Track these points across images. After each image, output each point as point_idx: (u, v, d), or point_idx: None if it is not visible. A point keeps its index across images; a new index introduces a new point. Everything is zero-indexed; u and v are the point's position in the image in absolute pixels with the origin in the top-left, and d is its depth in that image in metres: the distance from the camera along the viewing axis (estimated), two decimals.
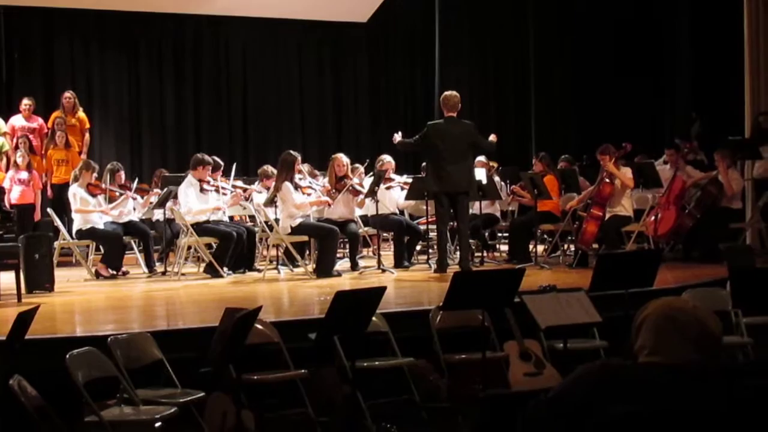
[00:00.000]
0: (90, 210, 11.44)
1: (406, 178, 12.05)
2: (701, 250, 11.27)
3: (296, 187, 11.06)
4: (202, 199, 11.27)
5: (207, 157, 11.53)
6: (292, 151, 11.27)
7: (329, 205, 11.31)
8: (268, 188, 11.70)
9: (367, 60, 18.31)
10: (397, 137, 10.83)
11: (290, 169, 11.02)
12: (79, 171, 11.76)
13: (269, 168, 12.17)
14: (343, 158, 11.58)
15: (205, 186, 11.31)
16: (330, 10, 17.47)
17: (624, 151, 11.21)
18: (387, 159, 12.08)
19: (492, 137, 10.87)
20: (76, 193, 11.49)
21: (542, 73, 17.53)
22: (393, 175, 12.05)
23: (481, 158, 12.17)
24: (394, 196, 12.04)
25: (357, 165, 12.06)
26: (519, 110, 17.86)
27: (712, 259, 10.37)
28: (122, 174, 12.14)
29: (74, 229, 11.58)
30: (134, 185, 12.06)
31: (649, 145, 13.46)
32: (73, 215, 11.61)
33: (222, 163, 12.23)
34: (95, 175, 11.78)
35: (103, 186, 11.72)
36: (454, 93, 10.74)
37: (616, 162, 11.11)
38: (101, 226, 11.51)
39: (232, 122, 17.37)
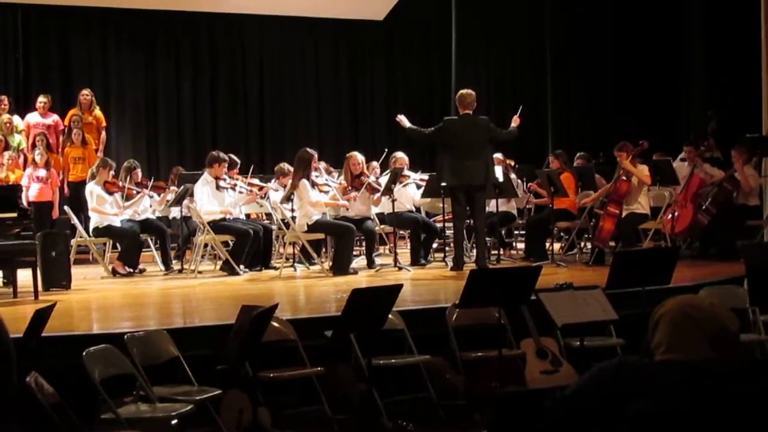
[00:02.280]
0: (105, 212, 11.47)
1: (422, 175, 12.04)
2: (718, 247, 11.24)
3: (313, 184, 11.06)
4: (218, 197, 11.28)
5: (223, 155, 11.54)
6: (308, 149, 11.26)
7: (347, 208, 11.31)
8: (284, 186, 11.66)
9: (383, 58, 18.32)
10: (404, 120, 10.81)
11: (307, 166, 11.01)
12: (96, 169, 11.81)
13: (285, 166, 12.15)
14: (358, 156, 11.58)
15: (221, 183, 11.32)
16: (346, 7, 17.49)
17: (641, 149, 11.17)
18: (400, 155, 12.08)
19: (515, 121, 10.83)
20: (93, 191, 11.53)
21: (558, 70, 17.49)
22: (408, 172, 12.03)
23: (498, 155, 12.14)
24: (411, 194, 12.02)
25: (372, 162, 12.05)
26: (535, 108, 17.80)
27: (730, 256, 10.34)
28: (139, 172, 12.16)
29: (91, 226, 11.62)
30: (151, 183, 12.09)
31: (666, 143, 13.40)
32: (90, 213, 11.65)
33: (238, 160, 12.26)
34: (112, 172, 11.83)
35: (120, 184, 11.76)
36: (470, 91, 10.72)
37: (633, 159, 11.08)
38: (118, 224, 11.55)
39: (249, 120, 17.40)
